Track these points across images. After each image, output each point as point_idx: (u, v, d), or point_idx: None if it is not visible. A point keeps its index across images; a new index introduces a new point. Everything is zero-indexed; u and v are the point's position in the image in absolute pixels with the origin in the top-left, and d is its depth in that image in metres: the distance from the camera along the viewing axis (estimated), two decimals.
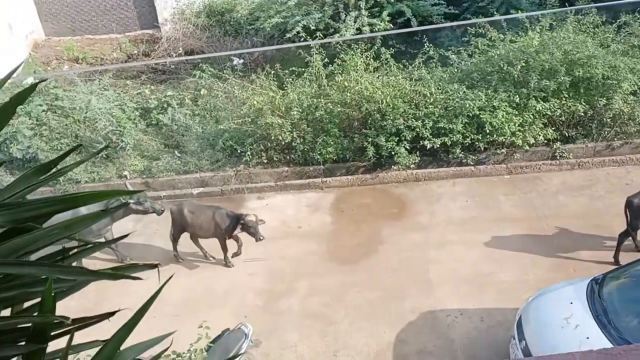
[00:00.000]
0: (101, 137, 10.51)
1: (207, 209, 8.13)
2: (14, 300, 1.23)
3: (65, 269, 1.17)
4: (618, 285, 5.91)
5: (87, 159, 2.45)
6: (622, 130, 9.81)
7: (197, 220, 8.02)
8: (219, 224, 7.90)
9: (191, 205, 8.29)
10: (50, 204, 1.22)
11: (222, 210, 8.00)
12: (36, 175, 1.33)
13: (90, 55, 14.25)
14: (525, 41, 9.88)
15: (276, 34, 13.27)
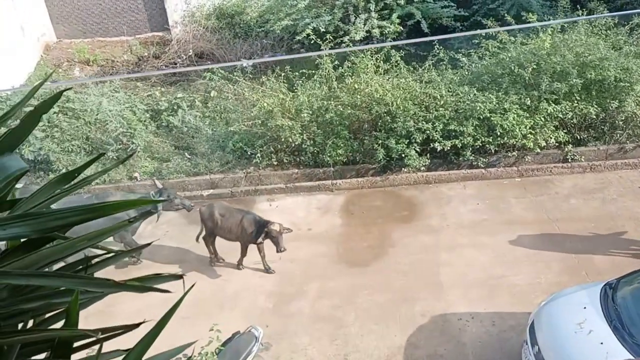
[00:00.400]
0: (112, 139, 10.56)
1: (236, 212, 8.00)
2: (37, 312, 1.23)
3: (93, 281, 1.16)
4: (632, 290, 5.83)
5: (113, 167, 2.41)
6: (635, 132, 9.74)
7: (227, 223, 7.90)
8: (245, 229, 7.78)
9: (221, 207, 8.12)
10: (76, 213, 1.22)
11: (251, 216, 7.87)
12: (59, 183, 1.32)
13: (100, 57, 14.34)
14: (536, 43, 9.83)
15: (286, 36, 13.30)
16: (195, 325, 6.44)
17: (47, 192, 1.30)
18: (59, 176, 1.33)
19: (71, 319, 1.11)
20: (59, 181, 1.33)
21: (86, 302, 1.24)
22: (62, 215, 1.20)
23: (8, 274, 1.10)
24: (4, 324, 1.14)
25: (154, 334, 1.30)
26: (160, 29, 15.27)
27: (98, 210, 1.23)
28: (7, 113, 1.28)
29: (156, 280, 1.35)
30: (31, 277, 1.13)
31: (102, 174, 1.63)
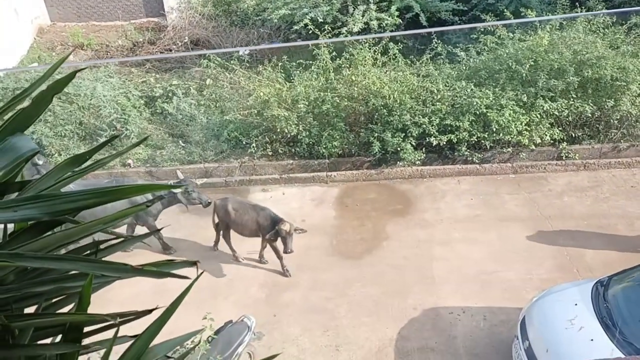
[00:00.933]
0: (105, 124, 10.47)
1: (251, 208, 7.84)
2: (48, 295, 1.20)
3: (110, 265, 1.14)
4: (623, 288, 5.88)
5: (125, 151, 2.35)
6: (629, 132, 9.79)
7: (241, 218, 7.78)
8: (261, 225, 7.66)
9: (235, 202, 7.96)
10: (88, 196, 1.19)
11: (267, 212, 7.71)
12: (70, 165, 1.30)
13: (95, 41, 14.16)
14: (534, 40, 9.82)
15: (283, 25, 13.19)
16: (187, 314, 6.37)
17: (58, 174, 1.27)
18: (70, 158, 1.30)
19: (83, 304, 1.09)
20: (69, 163, 1.30)
21: (97, 286, 1.21)
22: (74, 198, 1.17)
23: (21, 256, 1.07)
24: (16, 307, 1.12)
25: (162, 320, 1.28)
26: (155, 14, 15.10)
27: (110, 194, 1.21)
28: (21, 93, 1.25)
29: (171, 266, 1.33)
30: (46, 260, 1.10)
31: (116, 158, 1.59)
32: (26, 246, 1.14)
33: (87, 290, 1.09)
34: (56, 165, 1.30)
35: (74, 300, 1.26)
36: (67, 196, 1.17)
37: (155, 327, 1.26)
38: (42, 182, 1.25)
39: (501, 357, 6.41)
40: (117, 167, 10.15)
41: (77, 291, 1.16)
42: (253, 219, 7.73)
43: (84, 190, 1.20)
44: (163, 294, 6.93)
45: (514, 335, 6.23)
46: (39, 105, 1.20)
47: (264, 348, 6.70)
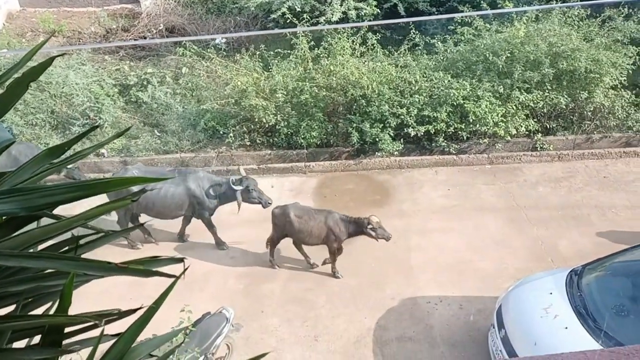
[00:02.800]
0: (78, 113, 10.24)
1: (316, 213, 7.37)
2: (24, 295, 1.14)
3: (92, 264, 1.08)
4: (596, 277, 6.01)
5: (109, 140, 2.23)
6: (602, 124, 9.97)
7: (306, 226, 7.28)
8: (332, 230, 7.22)
9: (297, 208, 7.42)
10: (67, 190, 1.13)
11: (335, 215, 7.28)
12: (48, 158, 1.23)
13: (67, 28, 13.79)
14: (511, 32, 9.90)
15: (260, 14, 13.04)
16: (164, 307, 6.28)
17: (35, 166, 1.21)
18: (47, 150, 1.23)
19: (64, 304, 1.03)
20: (46, 155, 1.24)
21: (77, 284, 1.16)
22: (53, 192, 1.11)
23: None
24: None
25: (145, 319, 1.24)
26: (130, 1, 14.76)
27: (91, 187, 1.15)
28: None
29: (156, 263, 1.28)
30: (24, 259, 1.04)
31: (97, 148, 1.52)
32: (3, 243, 1.08)
33: (68, 289, 1.04)
34: (33, 157, 1.24)
35: (52, 299, 1.21)
36: (45, 190, 1.10)
37: (137, 325, 1.22)
38: (17, 175, 1.19)
39: (478, 345, 6.50)
40: (90, 157, 9.93)
41: (56, 290, 1.11)
42: (321, 224, 7.25)
43: (62, 184, 1.14)
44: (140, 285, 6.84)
45: (490, 324, 6.31)
46: (13, 93, 1.14)
47: (243, 339, 6.68)
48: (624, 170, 9.51)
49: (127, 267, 1.14)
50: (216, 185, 7.78)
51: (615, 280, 6.07)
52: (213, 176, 8.00)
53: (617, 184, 9.14)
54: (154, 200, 7.65)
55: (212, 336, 6.01)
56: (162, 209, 7.77)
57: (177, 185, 7.70)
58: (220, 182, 7.80)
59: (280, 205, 7.56)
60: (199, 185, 7.74)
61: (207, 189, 7.75)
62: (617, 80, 9.50)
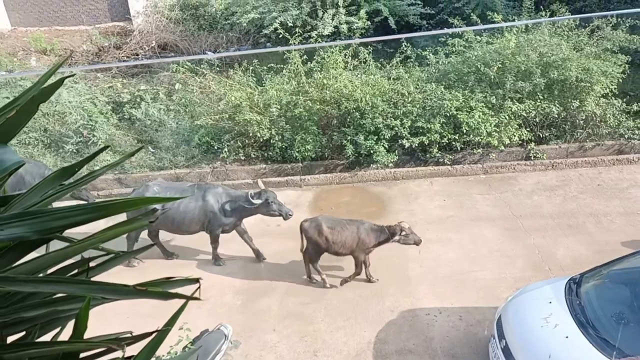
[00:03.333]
0: (72, 131, 10.20)
1: (347, 223, 7.29)
2: (39, 320, 1.12)
3: (110, 287, 1.06)
4: (595, 285, 6.01)
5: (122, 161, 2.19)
6: (594, 132, 10.05)
7: (340, 237, 7.20)
8: (363, 240, 7.18)
9: (328, 220, 7.36)
10: (79, 212, 1.11)
11: (366, 225, 7.25)
12: (59, 179, 1.21)
13: (58, 46, 13.81)
14: (501, 43, 10.00)
15: (252, 29, 13.13)
16: (160, 324, 6.26)
17: (45, 188, 1.19)
18: (58, 171, 1.22)
19: (80, 329, 1.01)
20: (58, 176, 1.22)
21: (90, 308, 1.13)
22: (66, 214, 1.09)
23: (11, 280, 0.99)
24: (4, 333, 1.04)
25: (158, 340, 1.21)
26: (121, 18, 14.84)
27: (103, 209, 1.13)
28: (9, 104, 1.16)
29: (171, 284, 1.26)
30: (39, 284, 1.02)
31: (110, 168, 1.50)
32: (18, 268, 1.06)
33: (84, 313, 1.01)
34: (44, 178, 1.22)
35: (61, 323, 1.18)
36: (57, 212, 1.09)
37: (150, 347, 1.19)
38: (28, 198, 1.17)
39: (478, 356, 6.46)
40: (83, 174, 9.87)
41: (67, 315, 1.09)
42: (354, 234, 7.19)
43: (75, 206, 1.12)
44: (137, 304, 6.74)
45: (490, 334, 6.29)
46: (23, 115, 1.12)
47: (241, 356, 6.60)
48: (617, 177, 9.57)
49: (146, 290, 1.12)
50: (233, 200, 7.65)
51: (614, 288, 6.07)
52: (232, 191, 7.88)
53: (612, 191, 9.19)
54: (173, 216, 7.56)
55: (211, 354, 5.96)
56: (181, 224, 7.67)
57: (196, 200, 7.61)
58: (237, 197, 7.67)
59: (309, 218, 7.48)
60: (217, 200, 7.65)
61: (223, 204, 7.64)
62: (607, 88, 9.60)
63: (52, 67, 1.27)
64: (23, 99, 1.11)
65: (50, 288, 1.05)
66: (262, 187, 7.75)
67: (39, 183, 1.22)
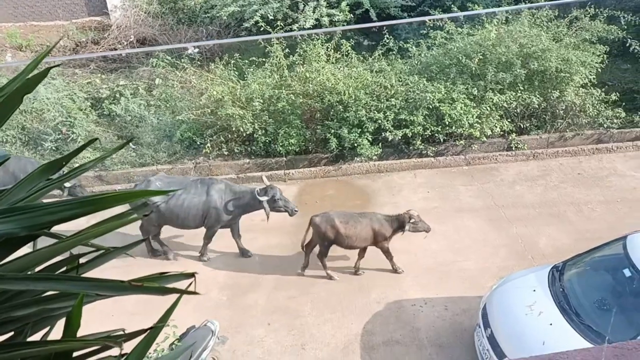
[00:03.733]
0: (50, 128, 10.02)
1: (360, 216, 7.38)
2: (29, 319, 1.08)
3: (105, 284, 1.03)
4: (578, 273, 6.11)
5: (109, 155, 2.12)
6: (574, 121, 10.18)
7: (354, 230, 7.25)
8: (379, 231, 7.28)
9: (340, 214, 7.39)
10: (69, 207, 1.08)
11: (378, 216, 7.36)
12: (45, 174, 1.18)
13: (34, 42, 13.54)
14: (482, 34, 10.05)
15: (233, 22, 13.01)
16: (146, 322, 6.18)
17: (32, 183, 1.15)
18: (44, 165, 1.18)
19: (73, 327, 0.98)
20: (43, 171, 1.18)
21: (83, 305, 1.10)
22: (54, 210, 1.06)
23: (1, 278, 0.95)
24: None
25: (151, 337, 1.19)
26: (98, 13, 14.58)
27: (93, 203, 1.10)
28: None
29: (166, 279, 1.24)
30: (31, 281, 0.99)
31: (98, 162, 1.46)
32: (8, 266, 1.02)
33: (77, 311, 0.99)
34: (30, 173, 1.18)
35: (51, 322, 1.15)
36: (45, 208, 1.06)
37: (143, 345, 1.17)
38: (14, 193, 1.14)
39: (464, 345, 6.53)
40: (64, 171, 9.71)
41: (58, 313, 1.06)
42: (367, 227, 7.25)
43: (63, 200, 1.09)
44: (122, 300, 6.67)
45: (475, 323, 6.35)
46: (8, 106, 1.09)
47: (229, 352, 6.58)
48: (597, 166, 9.72)
49: (142, 286, 1.09)
50: (238, 196, 7.59)
51: (595, 275, 6.17)
52: (236, 186, 7.81)
53: (592, 180, 9.33)
54: (177, 212, 7.50)
55: (198, 350, 5.91)
56: (185, 219, 7.60)
57: (200, 195, 7.54)
58: (243, 193, 7.61)
59: (320, 214, 7.46)
60: (221, 196, 7.57)
61: (230, 200, 7.56)
62: (587, 78, 9.72)
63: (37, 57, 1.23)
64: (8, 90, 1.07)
65: (42, 285, 1.02)
66: (267, 183, 7.66)
67: (24, 178, 1.18)
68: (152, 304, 7.01)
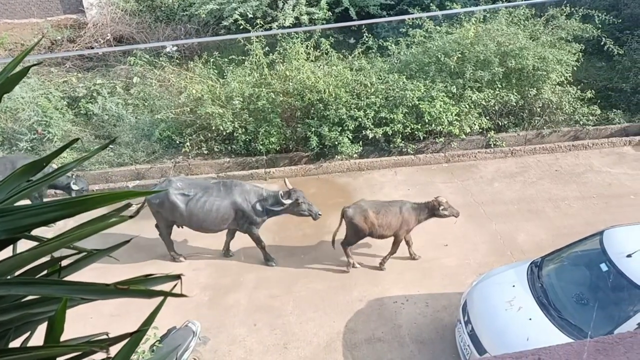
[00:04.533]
0: (25, 128, 9.83)
1: (388, 205, 7.41)
2: (11, 324, 1.05)
3: (90, 287, 1.01)
4: (556, 268, 6.20)
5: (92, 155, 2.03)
6: (551, 119, 10.33)
7: (385, 219, 7.29)
8: (407, 220, 7.33)
9: (371, 204, 7.43)
10: (53, 209, 1.05)
11: (408, 204, 7.39)
12: (26, 175, 1.14)
13: (8, 40, 13.25)
14: (460, 33, 10.14)
15: (211, 21, 12.90)
16: (126, 323, 6.13)
17: (12, 185, 1.12)
18: (26, 166, 1.15)
19: (56, 331, 0.96)
20: (24, 172, 1.15)
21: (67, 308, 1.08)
22: (37, 212, 1.03)
23: None
24: None
25: (135, 341, 1.17)
26: (74, 11, 14.33)
27: (78, 205, 1.07)
28: None
29: (153, 281, 1.22)
30: (13, 286, 0.96)
31: (81, 162, 1.43)
32: None
33: (60, 316, 0.96)
34: (11, 173, 1.15)
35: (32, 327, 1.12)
36: (29, 210, 1.03)
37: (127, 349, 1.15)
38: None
39: (445, 341, 6.58)
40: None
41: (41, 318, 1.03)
42: (397, 215, 7.30)
43: (47, 202, 1.06)
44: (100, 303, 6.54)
45: (456, 319, 6.41)
46: None
47: (210, 352, 6.54)
48: (573, 162, 9.88)
49: (128, 289, 1.07)
50: (264, 199, 7.48)
51: (573, 270, 6.27)
52: (259, 189, 7.65)
53: (569, 176, 9.48)
54: (197, 214, 7.35)
55: (180, 351, 5.86)
56: (206, 222, 7.45)
57: (223, 198, 7.39)
58: (267, 196, 7.50)
59: (351, 205, 7.48)
60: (245, 198, 7.42)
61: (254, 203, 7.44)
62: (563, 76, 9.87)
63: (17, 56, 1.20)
64: None
65: (24, 290, 0.98)
66: (289, 187, 7.54)
67: (4, 180, 1.15)
68: (132, 305, 6.94)
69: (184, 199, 7.32)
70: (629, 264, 5.54)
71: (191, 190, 7.38)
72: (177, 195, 7.30)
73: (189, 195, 7.32)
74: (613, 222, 6.65)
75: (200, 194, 7.35)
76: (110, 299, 1.06)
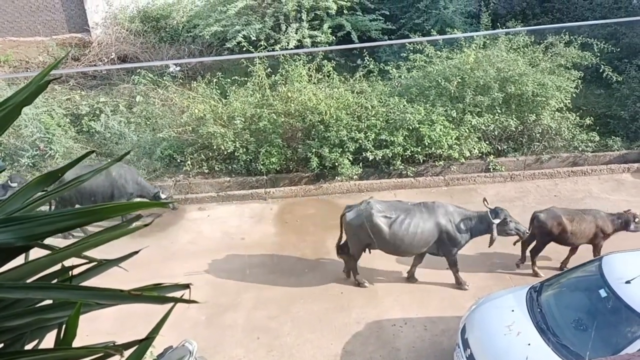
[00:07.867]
0: (27, 144, 9.88)
1: (585, 213, 7.54)
2: (26, 329, 1.07)
3: (104, 293, 1.03)
4: (555, 293, 6.19)
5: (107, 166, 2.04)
6: (550, 144, 10.40)
7: (579, 227, 7.40)
8: (602, 228, 7.42)
9: (565, 211, 7.57)
10: (67, 217, 1.08)
11: (602, 213, 7.55)
12: (40, 185, 1.17)
13: (13, 57, 13.40)
14: (461, 58, 10.28)
15: (215, 42, 13.06)
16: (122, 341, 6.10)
17: (29, 193, 1.15)
18: (42, 176, 1.18)
19: (69, 336, 0.98)
20: (41, 181, 1.18)
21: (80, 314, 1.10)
22: (52, 220, 1.05)
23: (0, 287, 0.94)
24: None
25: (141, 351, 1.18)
26: (79, 30, 14.50)
27: (91, 214, 1.10)
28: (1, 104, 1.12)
29: (161, 289, 1.23)
30: (30, 290, 0.98)
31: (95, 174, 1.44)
32: (7, 274, 1.01)
33: (73, 320, 0.98)
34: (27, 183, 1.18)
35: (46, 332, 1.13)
36: (44, 218, 1.05)
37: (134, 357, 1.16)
38: (10, 204, 1.13)
39: None
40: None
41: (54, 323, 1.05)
42: (592, 224, 7.41)
43: (63, 211, 1.09)
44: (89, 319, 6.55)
45: (455, 343, 6.37)
46: (7, 118, 1.09)
47: None
48: (572, 188, 9.92)
49: (142, 295, 1.09)
50: (467, 219, 7.38)
51: (572, 295, 6.27)
52: (462, 209, 7.56)
53: (567, 201, 9.50)
54: (402, 237, 7.18)
55: None
56: (408, 245, 7.29)
57: (426, 220, 7.25)
58: (471, 216, 7.41)
59: (544, 210, 7.64)
60: (449, 220, 7.32)
61: (458, 223, 7.33)
62: (562, 102, 9.97)
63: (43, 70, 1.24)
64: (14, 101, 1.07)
65: (41, 294, 1.01)
66: (489, 207, 7.41)
67: (19, 189, 1.18)
68: (128, 323, 6.89)
69: (387, 221, 7.16)
70: (628, 290, 5.54)
71: (392, 212, 7.24)
72: (380, 217, 7.15)
73: (391, 218, 7.18)
74: (612, 249, 6.65)
75: (402, 216, 7.19)
76: (103, 313, 1.08)
